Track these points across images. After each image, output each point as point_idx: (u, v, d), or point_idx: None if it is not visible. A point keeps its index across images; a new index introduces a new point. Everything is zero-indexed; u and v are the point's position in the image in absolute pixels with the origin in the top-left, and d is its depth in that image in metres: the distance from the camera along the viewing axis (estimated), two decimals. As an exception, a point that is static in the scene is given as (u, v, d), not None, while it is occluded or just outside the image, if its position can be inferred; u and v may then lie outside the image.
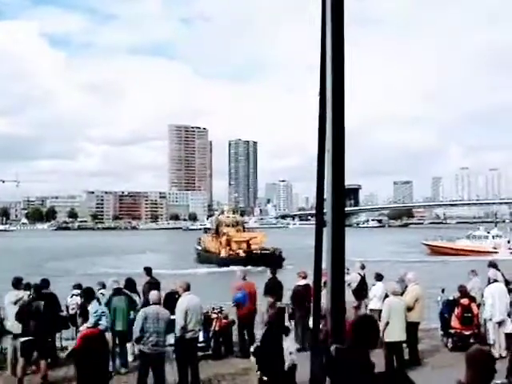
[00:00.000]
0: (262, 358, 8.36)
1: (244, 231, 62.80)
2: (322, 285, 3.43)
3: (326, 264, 2.93)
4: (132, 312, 11.33)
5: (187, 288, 10.42)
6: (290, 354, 8.14)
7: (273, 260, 44.98)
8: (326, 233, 2.88)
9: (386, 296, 11.45)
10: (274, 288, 13.43)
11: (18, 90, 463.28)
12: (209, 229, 71.96)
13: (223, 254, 55.32)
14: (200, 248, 63.80)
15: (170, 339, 10.65)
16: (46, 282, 11.67)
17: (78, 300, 12.06)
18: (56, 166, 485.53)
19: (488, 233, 64.81)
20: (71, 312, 12.13)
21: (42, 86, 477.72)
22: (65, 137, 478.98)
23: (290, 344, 8.35)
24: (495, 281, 12.17)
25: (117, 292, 11.47)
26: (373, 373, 3.89)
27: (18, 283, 11.30)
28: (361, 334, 3.91)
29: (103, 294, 11.79)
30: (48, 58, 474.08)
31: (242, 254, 52.96)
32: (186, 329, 9.96)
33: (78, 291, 12.24)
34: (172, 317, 10.66)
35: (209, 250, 60.60)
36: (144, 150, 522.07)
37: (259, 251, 52.19)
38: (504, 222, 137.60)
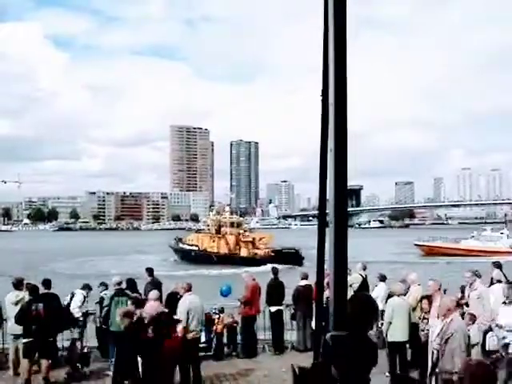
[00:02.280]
0: (117, 371, 8.05)
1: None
2: (325, 285, 3.45)
3: (328, 265, 2.93)
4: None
5: (189, 288, 10.44)
6: None
7: (297, 258, 49.85)
8: (329, 233, 2.88)
9: (389, 296, 11.43)
10: (276, 289, 13.44)
11: (22, 91, 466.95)
12: (201, 229, 71.11)
13: (244, 253, 56.63)
14: (193, 248, 62.05)
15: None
16: (47, 283, 11.65)
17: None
18: (60, 167, 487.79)
19: (501, 233, 62.26)
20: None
21: (46, 87, 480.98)
22: (68, 138, 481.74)
23: None
24: (499, 281, 12.11)
25: (119, 292, 11.47)
26: (374, 353, 3.68)
27: (18, 284, 11.28)
28: (357, 313, 3.68)
29: (106, 295, 11.77)
30: (52, 59, 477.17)
31: (271, 253, 54.77)
32: (187, 329, 9.96)
33: (83, 292, 12.25)
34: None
35: (206, 249, 60.15)
36: (147, 151, 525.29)
37: (285, 250, 55.15)
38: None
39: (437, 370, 6.53)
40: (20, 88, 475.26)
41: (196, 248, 61.68)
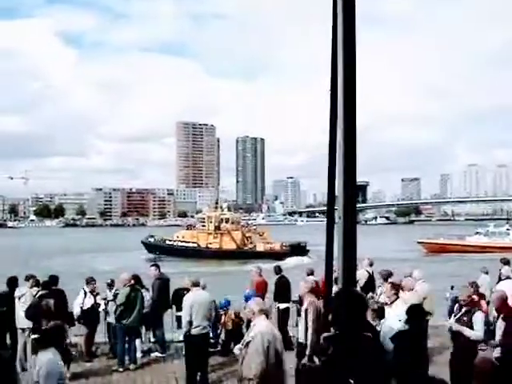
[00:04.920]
0: None
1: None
2: (333, 281, 3.44)
3: (337, 260, 2.92)
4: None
5: (196, 284, 10.49)
6: None
7: (306, 251, 54.89)
8: (337, 229, 2.87)
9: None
10: (282, 287, 13.48)
11: (31, 87, 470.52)
12: (192, 226, 70.02)
13: (260, 248, 57.68)
14: (190, 245, 61.00)
15: (180, 335, 10.72)
16: (54, 279, 11.72)
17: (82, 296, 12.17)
18: (67, 164, 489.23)
19: (508, 229, 61.61)
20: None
21: (55, 84, 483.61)
22: (77, 134, 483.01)
23: None
24: (507, 278, 12.09)
25: (132, 288, 11.54)
26: (371, 355, 3.46)
27: (26, 279, 11.42)
28: (342, 310, 3.34)
29: (119, 292, 11.77)
30: (61, 56, 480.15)
31: (286, 247, 57.66)
32: (192, 324, 9.96)
33: (84, 287, 12.31)
34: (179, 313, 10.68)
35: (208, 246, 59.95)
36: (154, 148, 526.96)
37: (298, 244, 58.63)
38: None
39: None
40: (29, 84, 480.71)
41: (195, 245, 60.78)
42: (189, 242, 61.59)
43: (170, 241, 63.41)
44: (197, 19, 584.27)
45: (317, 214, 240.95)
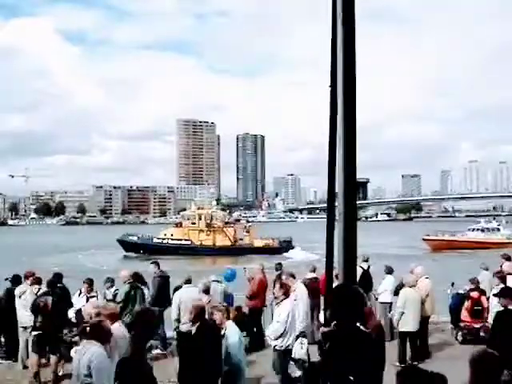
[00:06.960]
0: None
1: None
2: (334, 277, 3.44)
3: (337, 257, 2.93)
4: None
5: (187, 281, 10.65)
6: None
7: (291, 247, 58.29)
8: (338, 226, 2.88)
9: (397, 288, 11.45)
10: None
11: (34, 86, 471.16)
12: (179, 223, 69.06)
13: (258, 243, 58.97)
14: (183, 242, 60.58)
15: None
16: (58, 276, 11.69)
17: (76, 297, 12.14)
18: (70, 161, 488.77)
19: (498, 225, 62.00)
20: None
21: (58, 83, 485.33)
22: (79, 132, 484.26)
23: None
24: (509, 274, 12.07)
25: (133, 285, 11.56)
26: (369, 349, 3.41)
27: (25, 277, 11.33)
28: (341, 306, 3.30)
29: (119, 290, 11.78)
30: (63, 54, 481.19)
31: (283, 243, 59.86)
32: (180, 321, 9.97)
33: (82, 288, 12.27)
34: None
35: (202, 243, 59.83)
36: (157, 145, 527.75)
37: (289, 240, 60.94)
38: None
39: None
40: (32, 83, 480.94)
41: (188, 242, 60.33)
42: (180, 240, 60.86)
43: (159, 239, 62.42)
44: (199, 17, 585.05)
45: (317, 211, 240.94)
